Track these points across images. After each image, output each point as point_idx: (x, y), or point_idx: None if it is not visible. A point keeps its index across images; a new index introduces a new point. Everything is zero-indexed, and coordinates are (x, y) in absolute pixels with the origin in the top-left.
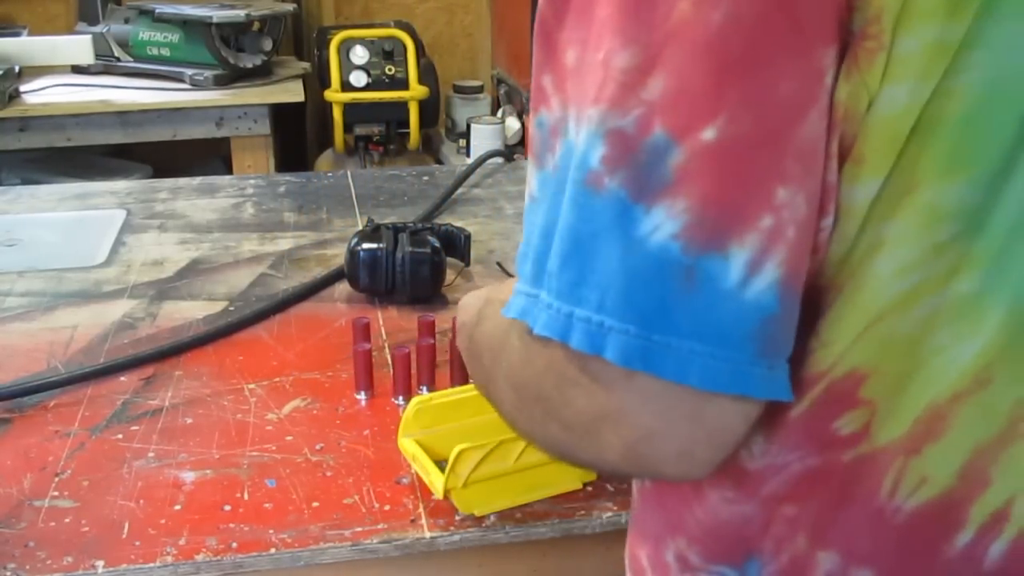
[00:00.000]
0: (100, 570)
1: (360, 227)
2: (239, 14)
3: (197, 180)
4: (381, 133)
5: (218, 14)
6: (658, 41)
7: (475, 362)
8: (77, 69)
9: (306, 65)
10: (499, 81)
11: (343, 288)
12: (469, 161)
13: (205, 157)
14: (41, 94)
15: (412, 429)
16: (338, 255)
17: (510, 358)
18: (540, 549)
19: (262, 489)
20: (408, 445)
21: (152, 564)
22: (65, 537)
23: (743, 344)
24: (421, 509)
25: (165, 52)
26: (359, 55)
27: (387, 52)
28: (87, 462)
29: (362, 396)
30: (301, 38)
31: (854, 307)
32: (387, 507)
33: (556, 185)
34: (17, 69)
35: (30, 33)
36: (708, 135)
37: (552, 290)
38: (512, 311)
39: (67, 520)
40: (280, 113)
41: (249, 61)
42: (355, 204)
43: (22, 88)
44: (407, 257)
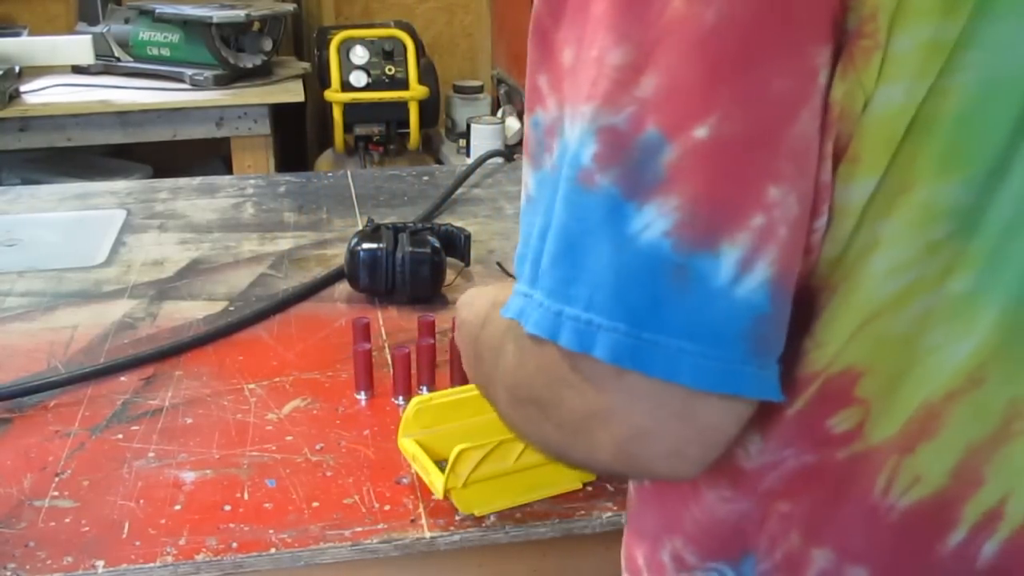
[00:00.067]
0: (100, 570)
1: (360, 227)
2: (239, 14)
3: (197, 180)
4: (381, 133)
5: (218, 14)
6: (651, 39)
7: (478, 362)
8: (77, 69)
9: (306, 65)
10: (499, 81)
11: (343, 288)
12: (469, 161)
13: (205, 157)
14: (41, 94)
15: (412, 429)
16: (338, 255)
17: (506, 359)
18: (540, 549)
19: (262, 489)
20: (408, 445)
21: (152, 564)
22: (65, 537)
23: (734, 343)
24: (421, 509)
25: (165, 52)
26: (359, 55)
27: (387, 52)
28: (87, 462)
29: (362, 396)
30: (301, 38)
31: (848, 306)
32: (387, 507)
33: (554, 184)
34: (17, 69)
35: (30, 33)
36: (700, 133)
37: (544, 288)
38: (509, 312)
39: (67, 520)
40: (280, 113)
41: (249, 61)
42: (355, 204)
43: (22, 88)
44: (407, 257)
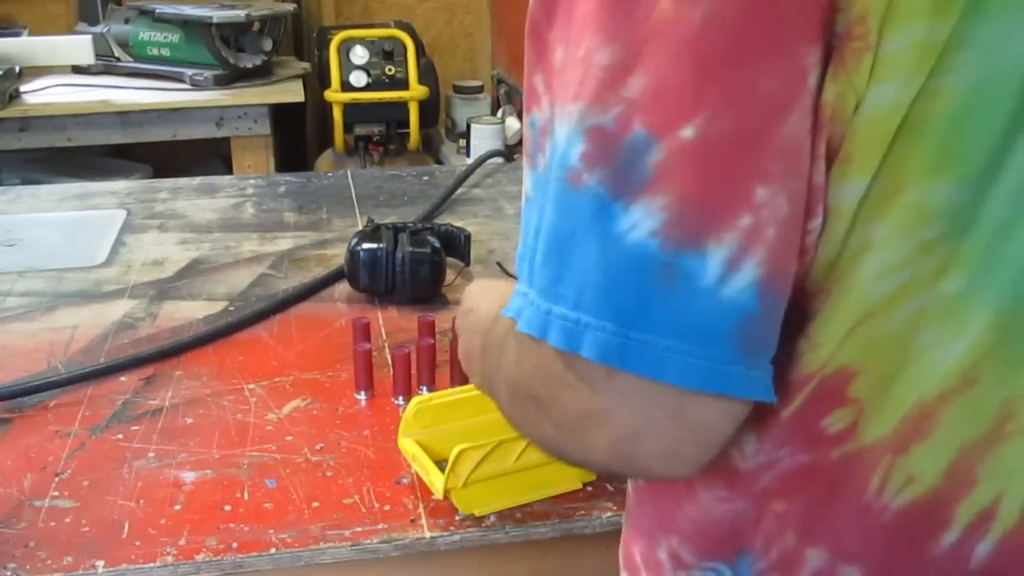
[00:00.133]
0: (100, 570)
1: (360, 227)
2: (239, 14)
3: (197, 180)
4: (381, 133)
5: (218, 14)
6: (639, 39)
7: (484, 354)
8: (77, 69)
9: (306, 65)
10: (499, 81)
11: (343, 288)
12: (469, 161)
13: (205, 157)
14: (41, 94)
15: (412, 429)
16: (338, 255)
17: (508, 356)
18: (540, 549)
19: (262, 489)
20: (408, 445)
21: (152, 564)
22: (65, 537)
23: (721, 343)
24: (421, 509)
25: (165, 52)
26: (359, 55)
27: (387, 52)
28: (87, 462)
29: (362, 396)
30: (301, 38)
31: (841, 307)
32: (387, 507)
33: (546, 184)
34: (17, 69)
35: (30, 33)
36: (687, 133)
37: (535, 287)
38: (509, 310)
39: (67, 520)
40: (280, 113)
41: (249, 61)
42: (355, 204)
43: (22, 88)
44: (407, 257)
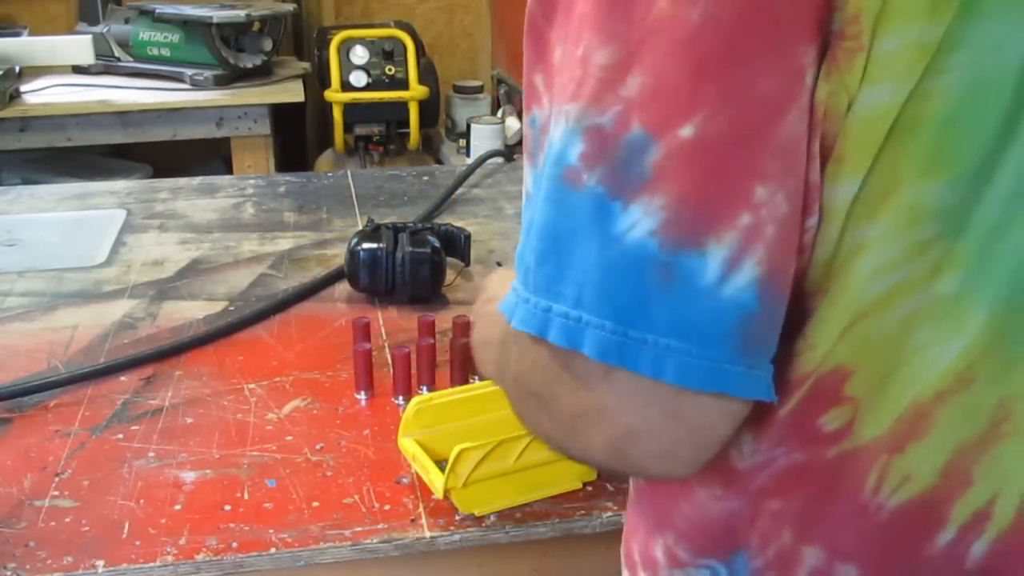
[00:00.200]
0: (100, 570)
1: (360, 227)
2: (239, 14)
3: (197, 180)
4: (381, 133)
5: (218, 14)
6: (636, 38)
7: (502, 347)
8: (77, 69)
9: (306, 65)
10: (499, 81)
11: (343, 288)
12: (469, 161)
13: (205, 157)
14: (41, 94)
15: (412, 429)
16: (338, 255)
17: (512, 352)
18: (540, 549)
19: (262, 489)
20: (408, 445)
21: (152, 564)
22: (65, 537)
23: (721, 342)
24: (421, 509)
25: (165, 52)
26: (359, 55)
27: (387, 52)
28: (87, 462)
29: (362, 396)
30: (301, 38)
31: (836, 307)
32: (387, 507)
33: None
34: (17, 69)
35: (30, 33)
36: (686, 132)
37: (530, 286)
38: (503, 306)
39: (67, 520)
40: (280, 113)
41: (249, 61)
42: (355, 204)
43: (22, 88)
44: (407, 257)
